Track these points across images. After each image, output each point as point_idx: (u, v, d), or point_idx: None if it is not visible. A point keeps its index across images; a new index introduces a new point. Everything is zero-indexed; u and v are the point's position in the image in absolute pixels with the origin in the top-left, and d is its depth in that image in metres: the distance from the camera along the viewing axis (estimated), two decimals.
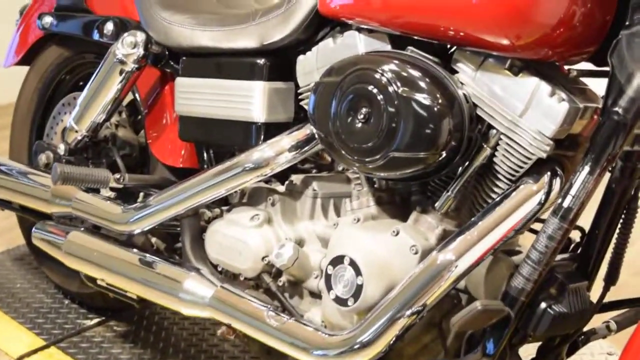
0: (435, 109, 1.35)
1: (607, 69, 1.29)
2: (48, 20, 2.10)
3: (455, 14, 1.34)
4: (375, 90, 1.40)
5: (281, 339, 1.59)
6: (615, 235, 1.51)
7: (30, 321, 2.30)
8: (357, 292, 1.49)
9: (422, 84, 1.36)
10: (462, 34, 1.35)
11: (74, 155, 2.04)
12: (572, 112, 1.31)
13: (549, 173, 1.37)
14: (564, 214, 1.30)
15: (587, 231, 1.51)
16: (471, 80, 1.40)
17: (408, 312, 1.39)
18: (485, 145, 1.40)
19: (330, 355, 1.50)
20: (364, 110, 1.42)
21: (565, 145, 1.38)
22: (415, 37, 1.44)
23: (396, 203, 1.60)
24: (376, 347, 1.45)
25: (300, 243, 1.66)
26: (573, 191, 1.30)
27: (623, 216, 1.48)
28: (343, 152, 1.46)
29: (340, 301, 1.51)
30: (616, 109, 1.26)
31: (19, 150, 2.42)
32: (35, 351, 2.16)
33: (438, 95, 1.35)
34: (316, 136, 1.53)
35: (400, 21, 1.42)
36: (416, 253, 1.47)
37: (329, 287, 1.53)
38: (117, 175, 1.84)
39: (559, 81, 1.36)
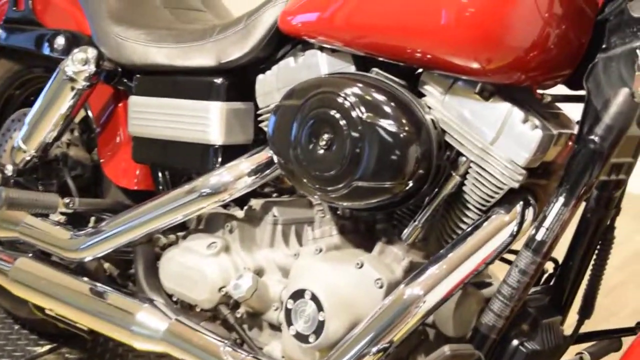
0: (402, 135, 1.26)
1: (582, 93, 1.23)
2: None
3: (422, 35, 1.26)
4: (337, 115, 1.31)
5: None
6: (590, 267, 1.43)
7: None
8: (319, 328, 1.40)
9: (388, 109, 1.28)
10: (429, 56, 1.27)
11: (22, 176, 1.92)
12: (546, 139, 1.24)
13: (521, 203, 1.29)
14: (537, 247, 1.23)
15: (560, 262, 1.44)
16: (439, 105, 1.32)
17: (374, 350, 1.31)
18: (454, 174, 1.32)
19: None
20: (326, 136, 1.33)
21: (539, 173, 1.30)
22: (381, 59, 1.35)
23: (361, 232, 1.52)
24: None
25: (259, 273, 1.56)
26: (547, 223, 1.23)
27: (598, 247, 1.41)
28: (304, 179, 1.37)
29: (301, 337, 1.42)
30: (592, 136, 1.19)
31: None
32: None
33: (404, 121, 1.27)
34: (275, 161, 1.43)
35: (364, 41, 1.34)
36: (381, 287, 1.38)
37: (289, 323, 1.44)
38: (67, 200, 1.73)
39: (532, 106, 1.28)
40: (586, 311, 1.44)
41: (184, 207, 1.59)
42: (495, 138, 1.25)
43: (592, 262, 1.42)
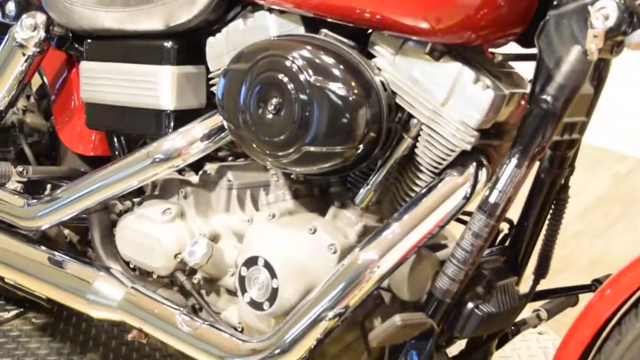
0: (351, 98, 1.21)
1: (535, 51, 1.17)
2: None
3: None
4: (285, 79, 1.25)
5: (194, 345, 1.46)
6: (545, 227, 1.40)
7: None
8: (273, 295, 1.36)
9: (336, 72, 1.22)
10: (378, 16, 1.21)
11: None
12: (498, 99, 1.18)
13: (474, 164, 1.24)
14: (491, 210, 1.19)
15: (515, 223, 1.41)
16: (389, 66, 1.26)
17: (329, 315, 1.27)
18: (405, 136, 1.26)
19: (271, 354, 1.36)
20: (274, 100, 1.27)
21: (492, 134, 1.26)
22: (329, 20, 1.29)
23: (315, 196, 1.47)
24: (296, 353, 1.33)
25: (215, 239, 1.52)
26: (500, 185, 1.19)
27: (552, 207, 1.37)
28: (254, 145, 1.32)
29: (255, 305, 1.38)
30: (544, 96, 1.15)
31: None
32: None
33: (353, 84, 1.22)
34: (225, 126, 1.38)
35: (313, 2, 1.27)
36: (335, 252, 1.33)
37: (243, 290, 1.40)
38: (20, 168, 1.67)
39: (484, 66, 1.23)
40: (541, 271, 1.42)
41: (138, 174, 1.54)
42: (446, 99, 1.20)
43: (547, 221, 1.39)
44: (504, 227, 1.41)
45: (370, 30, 1.30)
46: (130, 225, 1.61)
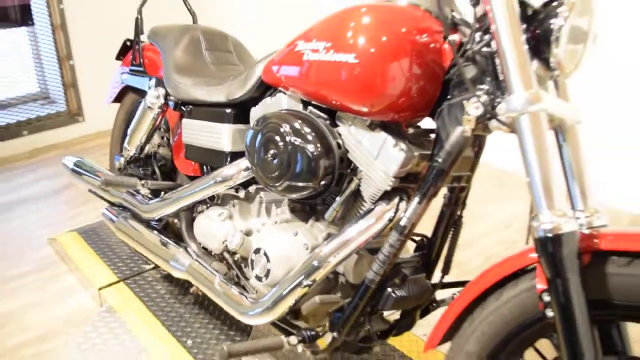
0: (315, 153, 1.24)
1: None
2: (125, 76, 2.00)
3: (333, 90, 1.21)
4: (278, 138, 1.29)
5: (221, 298, 1.52)
6: (448, 241, 1.35)
7: (111, 261, 2.22)
8: (267, 273, 1.40)
9: (308, 135, 1.26)
10: (338, 103, 1.22)
11: (130, 165, 1.93)
12: (408, 158, 1.18)
13: (397, 198, 1.23)
14: (401, 230, 1.20)
15: (429, 237, 1.36)
16: (347, 132, 1.27)
17: (304, 283, 1.29)
18: (354, 178, 1.27)
19: (253, 313, 1.41)
20: (272, 150, 1.30)
21: (410, 179, 1.24)
22: (314, 102, 1.30)
23: (305, 211, 1.47)
24: (279, 309, 1.35)
25: (248, 233, 1.54)
26: (407, 214, 1.19)
27: (453, 228, 1.33)
28: (261, 177, 1.35)
29: (258, 278, 1.43)
30: (437, 158, 1.14)
31: (112, 161, 2.33)
32: (110, 284, 2.09)
33: (318, 144, 1.25)
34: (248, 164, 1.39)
35: (303, 92, 1.29)
36: (307, 249, 1.36)
37: (252, 268, 1.43)
38: (142, 182, 1.74)
39: (402, 136, 1.22)
40: (446, 269, 1.37)
41: (208, 189, 1.57)
42: (377, 156, 1.21)
43: (449, 238, 1.35)
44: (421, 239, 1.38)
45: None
46: (201, 221, 1.65)
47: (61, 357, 1.78)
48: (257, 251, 1.40)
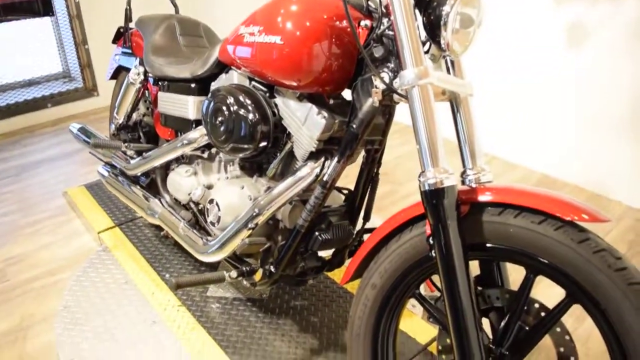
0: (253, 120, 1.19)
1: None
2: (117, 57, 1.92)
3: (266, 68, 1.14)
4: (224, 108, 1.22)
5: (184, 241, 1.47)
6: (367, 195, 1.30)
7: (110, 210, 2.15)
8: (219, 219, 1.35)
9: (248, 106, 1.20)
10: (271, 79, 1.16)
11: (120, 130, 1.85)
12: (329, 124, 1.13)
13: (323, 158, 1.18)
14: (324, 184, 1.16)
15: (352, 190, 1.32)
16: (281, 103, 1.21)
17: (248, 226, 1.25)
18: (288, 140, 1.22)
19: (206, 252, 1.37)
20: (220, 118, 1.24)
21: (334, 142, 1.18)
22: (257, 78, 1.23)
23: (253, 168, 1.41)
24: (228, 249, 1.32)
25: (209, 187, 1.48)
26: (329, 171, 1.14)
27: (371, 184, 1.28)
28: (212, 140, 1.29)
29: (212, 224, 1.38)
30: (352, 124, 1.09)
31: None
32: (107, 229, 2.03)
33: (256, 113, 1.19)
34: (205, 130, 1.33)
35: (248, 70, 1.22)
36: (250, 199, 1.31)
37: (207, 216, 1.36)
38: (125, 144, 1.66)
39: (325, 105, 1.16)
40: (366, 217, 1.33)
41: (176, 150, 1.51)
42: (304, 122, 1.16)
43: (368, 192, 1.29)
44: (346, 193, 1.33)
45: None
46: (172, 176, 1.58)
47: (63, 287, 1.74)
48: (211, 202, 1.34)
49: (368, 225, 1.32)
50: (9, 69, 3.32)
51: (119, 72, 2.05)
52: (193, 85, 1.46)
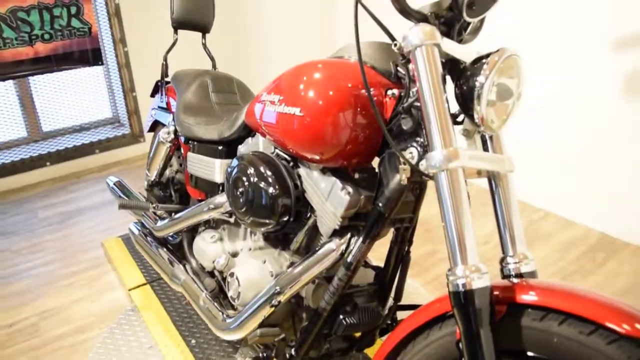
0: (273, 194, 1.13)
1: None
2: (154, 112, 1.94)
3: (286, 139, 1.09)
4: (244, 178, 1.18)
5: (204, 313, 1.41)
6: (398, 274, 1.21)
7: (143, 265, 2.14)
8: (238, 295, 1.28)
9: (269, 178, 1.14)
10: (296, 152, 1.09)
11: (153, 187, 1.85)
12: (354, 201, 1.04)
13: (349, 234, 1.09)
14: (348, 266, 1.07)
15: (382, 268, 1.23)
16: (305, 175, 1.15)
17: (270, 303, 1.18)
18: (311, 215, 1.14)
19: (225, 329, 1.30)
20: (241, 188, 1.18)
21: (362, 218, 1.09)
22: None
23: (278, 239, 1.34)
24: (247, 328, 1.25)
25: (235, 255, 1.42)
26: (353, 252, 1.05)
27: (402, 263, 1.18)
28: (233, 210, 1.24)
29: (232, 299, 1.32)
30: (378, 202, 1.01)
31: None
32: (138, 286, 2.01)
33: (277, 186, 1.13)
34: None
35: (271, 138, 1.16)
36: (272, 275, 1.24)
37: (228, 289, 1.30)
38: (154, 205, 1.65)
39: (350, 180, 1.08)
40: (397, 297, 1.23)
41: (202, 214, 1.47)
42: (327, 197, 1.08)
43: (399, 271, 1.20)
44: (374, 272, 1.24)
45: None
46: (198, 241, 1.54)
47: (90, 347, 1.72)
48: (231, 275, 1.29)
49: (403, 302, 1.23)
50: (63, 115, 3.48)
51: (157, 125, 2.09)
52: (220, 147, 1.44)
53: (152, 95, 2.05)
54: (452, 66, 0.89)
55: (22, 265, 2.27)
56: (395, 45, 0.86)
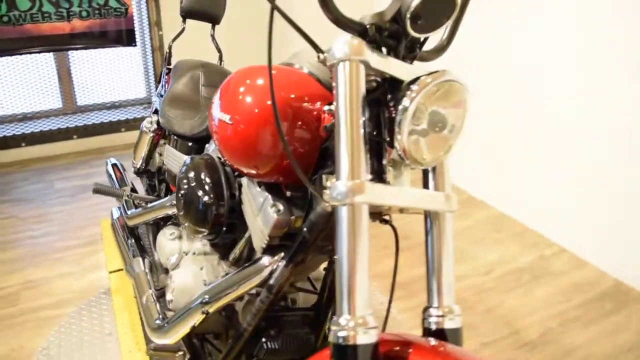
0: (205, 202, 1.07)
1: None
2: (154, 99, 1.92)
3: (222, 150, 1.00)
4: (185, 181, 1.13)
5: (143, 311, 1.36)
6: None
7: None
8: (172, 299, 1.23)
9: (206, 186, 1.09)
10: (229, 162, 1.00)
11: (140, 175, 1.83)
12: (282, 220, 0.95)
13: (282, 254, 0.99)
14: (269, 288, 0.98)
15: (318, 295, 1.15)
16: (245, 186, 1.07)
17: (197, 315, 1.09)
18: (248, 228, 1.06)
19: (155, 330, 1.24)
20: (182, 191, 1.15)
21: (290, 237, 0.99)
22: None
23: (225, 247, 1.25)
24: (174, 335, 1.16)
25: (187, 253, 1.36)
26: (276, 274, 0.96)
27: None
28: (176, 210, 1.18)
29: (168, 302, 1.25)
30: (304, 226, 0.91)
31: None
32: (119, 269, 1.98)
33: (211, 194, 1.07)
34: None
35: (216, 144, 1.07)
36: (205, 285, 1.18)
37: (167, 291, 1.24)
38: (128, 192, 1.62)
39: (283, 197, 0.98)
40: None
41: (163, 209, 1.45)
42: (258, 214, 1.00)
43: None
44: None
45: None
46: (159, 236, 1.49)
47: (55, 327, 1.73)
48: (170, 277, 1.24)
49: None
50: (98, 90, 3.57)
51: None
52: (190, 143, 1.39)
53: (157, 82, 2.04)
54: (391, 86, 0.79)
55: (23, 234, 2.34)
56: (319, 57, 0.77)
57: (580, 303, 1.95)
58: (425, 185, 0.85)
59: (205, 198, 1.04)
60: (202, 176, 1.07)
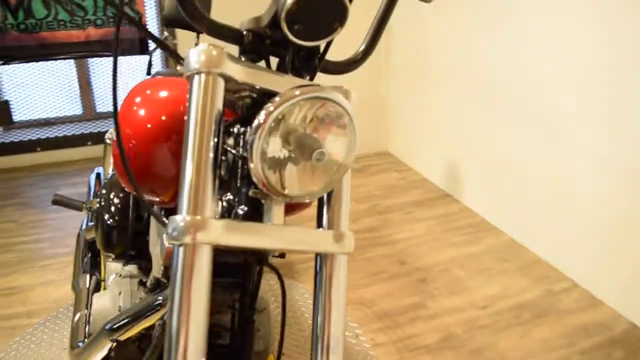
0: (110, 223, 1.04)
1: None
2: None
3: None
4: (100, 199, 1.09)
5: (71, 328, 1.28)
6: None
7: None
8: (90, 322, 1.16)
9: (112, 205, 1.05)
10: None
11: None
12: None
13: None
14: (162, 324, 0.94)
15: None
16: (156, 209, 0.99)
17: (106, 340, 1.02)
18: None
19: (71, 351, 1.18)
20: (94, 212, 1.07)
21: None
22: None
23: (143, 268, 1.19)
24: (90, 358, 1.08)
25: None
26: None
27: (245, 333, 0.98)
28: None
29: (87, 322, 1.18)
30: None
31: None
32: None
33: (115, 216, 1.04)
34: None
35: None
36: (119, 310, 1.11)
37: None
38: (88, 206, 1.58)
39: None
40: None
41: None
42: (156, 242, 0.94)
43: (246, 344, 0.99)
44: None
45: None
46: None
47: (19, 335, 1.72)
48: (93, 298, 1.18)
49: None
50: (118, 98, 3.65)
51: None
52: None
53: None
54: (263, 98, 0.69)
55: (17, 239, 2.38)
56: (177, 69, 0.69)
57: (585, 349, 1.74)
58: (319, 220, 0.74)
59: (110, 220, 0.98)
60: (112, 196, 1.01)
